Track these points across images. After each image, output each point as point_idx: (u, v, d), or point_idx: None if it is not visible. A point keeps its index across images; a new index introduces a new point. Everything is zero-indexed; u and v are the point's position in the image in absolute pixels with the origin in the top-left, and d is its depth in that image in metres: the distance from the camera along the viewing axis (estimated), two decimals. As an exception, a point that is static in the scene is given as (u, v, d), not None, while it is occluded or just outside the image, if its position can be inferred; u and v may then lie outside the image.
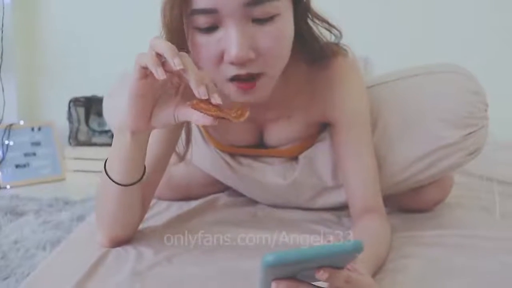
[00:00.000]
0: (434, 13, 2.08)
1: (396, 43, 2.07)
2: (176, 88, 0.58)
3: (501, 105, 1.45)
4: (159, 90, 0.58)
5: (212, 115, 0.53)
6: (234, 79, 0.62)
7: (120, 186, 0.63)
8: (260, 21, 0.60)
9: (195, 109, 0.54)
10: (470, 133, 0.80)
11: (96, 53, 2.20)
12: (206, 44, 0.60)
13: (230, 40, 0.58)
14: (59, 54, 2.24)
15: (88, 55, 2.21)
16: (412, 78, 0.85)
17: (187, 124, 0.76)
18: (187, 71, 0.52)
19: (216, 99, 0.52)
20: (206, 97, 0.52)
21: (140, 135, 0.61)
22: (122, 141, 0.61)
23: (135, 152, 0.62)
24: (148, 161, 0.67)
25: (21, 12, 2.20)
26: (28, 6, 2.23)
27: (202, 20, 0.59)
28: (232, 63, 0.60)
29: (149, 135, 0.63)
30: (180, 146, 0.78)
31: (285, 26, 0.62)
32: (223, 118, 0.54)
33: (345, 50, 0.74)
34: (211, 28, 0.60)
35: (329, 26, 0.71)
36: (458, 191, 1.03)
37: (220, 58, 0.61)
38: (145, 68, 0.54)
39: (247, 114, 0.55)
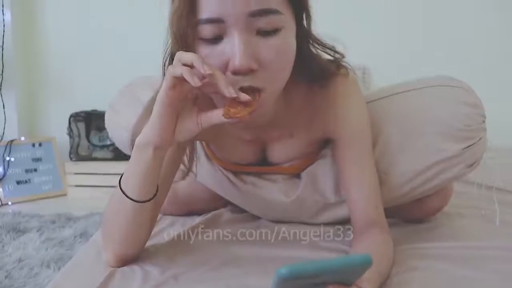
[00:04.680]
0: (434, 23, 2.10)
1: (395, 53, 2.09)
2: (193, 100, 0.62)
3: (499, 112, 1.47)
4: (182, 102, 0.61)
5: (243, 116, 0.59)
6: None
7: (135, 203, 0.64)
8: (263, 33, 0.61)
9: (229, 117, 0.59)
10: (469, 146, 0.81)
11: (95, 69, 2.22)
12: (211, 54, 0.62)
13: (234, 49, 0.60)
14: (59, 70, 2.26)
15: (88, 70, 2.23)
16: (410, 92, 0.86)
17: (191, 143, 0.78)
18: (215, 75, 0.56)
19: (244, 97, 0.58)
20: (235, 96, 0.57)
21: (161, 151, 0.63)
22: (142, 157, 0.63)
23: (154, 168, 0.64)
24: None
25: (21, 29, 2.22)
26: (28, 24, 2.25)
27: (207, 30, 0.61)
28: (234, 72, 0.61)
29: (166, 153, 0.65)
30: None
31: (288, 41, 0.64)
32: (251, 111, 0.59)
33: (345, 69, 0.76)
34: (216, 39, 0.61)
35: (332, 51, 0.73)
36: (458, 200, 1.04)
37: (224, 68, 0.62)
38: (176, 78, 0.57)
39: (257, 97, 0.62)
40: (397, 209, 0.89)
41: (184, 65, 0.57)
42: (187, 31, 0.61)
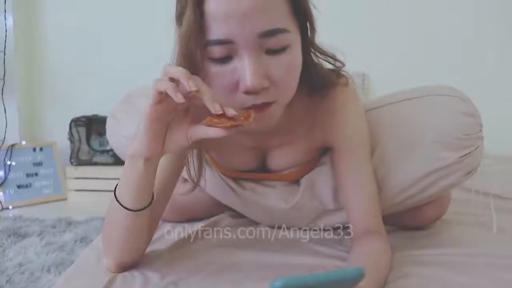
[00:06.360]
0: (434, 31, 2.11)
1: (395, 60, 2.10)
2: (184, 112, 0.61)
3: (497, 120, 1.48)
4: (171, 114, 0.61)
5: (226, 127, 0.57)
6: (251, 108, 0.64)
7: (130, 212, 0.65)
8: (273, 51, 0.62)
9: (209, 126, 0.58)
10: (466, 154, 0.81)
11: (96, 74, 2.23)
12: (221, 73, 0.62)
13: (245, 69, 0.61)
14: (60, 75, 2.27)
15: (89, 75, 2.24)
16: (408, 101, 0.87)
17: (199, 153, 0.78)
18: (201, 91, 0.55)
19: (231, 112, 0.56)
20: (221, 112, 0.56)
21: (152, 161, 0.63)
22: (134, 168, 0.63)
23: (146, 178, 0.64)
24: (154, 189, 0.68)
25: (23, 34, 2.23)
26: (30, 29, 2.26)
27: (217, 51, 0.61)
28: (247, 92, 0.62)
29: (158, 162, 0.65)
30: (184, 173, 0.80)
31: (295, 56, 0.65)
32: (236, 126, 0.57)
33: (345, 78, 0.77)
34: (226, 59, 0.62)
35: (333, 60, 0.74)
36: (456, 207, 1.05)
37: (235, 87, 0.63)
38: (161, 93, 0.57)
39: (252, 114, 0.59)
40: (395, 218, 0.90)
41: (171, 78, 0.56)
42: (196, 51, 0.61)
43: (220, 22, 0.59)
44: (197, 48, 0.61)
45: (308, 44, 0.70)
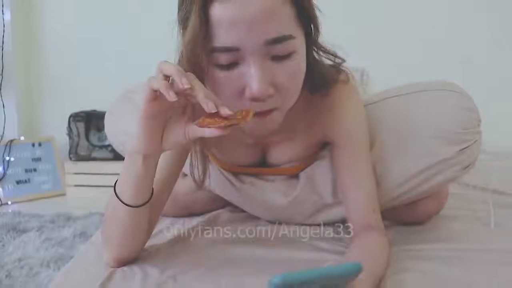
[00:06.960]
0: (433, 26, 2.11)
1: (394, 56, 2.10)
2: (183, 109, 0.61)
3: (496, 116, 1.48)
4: (168, 111, 0.60)
5: (220, 126, 0.55)
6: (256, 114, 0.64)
7: (129, 208, 0.65)
8: (278, 58, 0.62)
9: (202, 126, 0.56)
10: (464, 148, 0.82)
11: (95, 69, 2.23)
12: (227, 79, 0.62)
13: (252, 76, 0.61)
14: (59, 70, 2.26)
15: (87, 70, 2.24)
16: (407, 96, 0.87)
17: (202, 151, 0.78)
18: (195, 89, 0.55)
19: (225, 111, 0.55)
20: (215, 111, 0.54)
21: (151, 158, 0.63)
22: (133, 165, 0.63)
23: (145, 175, 0.64)
24: (155, 185, 0.69)
25: (21, 29, 2.23)
26: (28, 24, 2.26)
27: (223, 58, 0.61)
28: (253, 99, 0.62)
29: (158, 158, 0.65)
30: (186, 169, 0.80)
31: (301, 62, 0.65)
32: (231, 125, 0.56)
33: (346, 74, 0.77)
34: (232, 65, 0.62)
35: (334, 57, 0.74)
36: (453, 202, 1.05)
37: (241, 93, 0.63)
38: (155, 91, 0.56)
39: (251, 113, 0.57)
40: (393, 213, 0.90)
41: (165, 76, 0.56)
42: (201, 56, 0.61)
43: (226, 29, 0.59)
44: (203, 53, 0.61)
45: (311, 43, 0.70)
